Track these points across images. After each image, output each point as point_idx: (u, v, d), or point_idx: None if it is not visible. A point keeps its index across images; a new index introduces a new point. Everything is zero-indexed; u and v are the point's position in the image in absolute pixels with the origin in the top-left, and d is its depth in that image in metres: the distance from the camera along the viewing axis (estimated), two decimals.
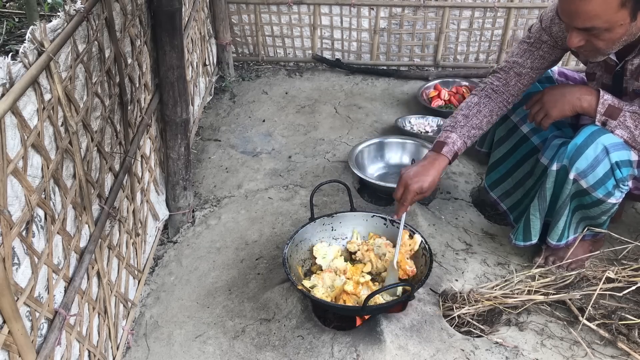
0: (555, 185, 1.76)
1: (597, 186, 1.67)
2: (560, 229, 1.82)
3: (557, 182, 1.75)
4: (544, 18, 1.80)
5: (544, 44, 1.81)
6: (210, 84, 3.30)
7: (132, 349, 1.75)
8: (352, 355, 1.61)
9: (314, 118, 3.10)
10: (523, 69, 1.85)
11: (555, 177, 1.74)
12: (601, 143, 1.64)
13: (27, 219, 1.11)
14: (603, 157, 1.64)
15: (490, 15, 3.44)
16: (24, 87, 1.05)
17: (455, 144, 1.79)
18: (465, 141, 1.81)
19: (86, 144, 1.44)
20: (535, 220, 1.85)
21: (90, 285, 1.48)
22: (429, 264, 1.74)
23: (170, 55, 1.98)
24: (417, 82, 3.40)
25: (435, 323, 1.72)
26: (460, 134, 1.80)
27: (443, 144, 1.79)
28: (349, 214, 1.99)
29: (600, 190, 1.67)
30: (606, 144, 1.64)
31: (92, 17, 1.43)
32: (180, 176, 2.19)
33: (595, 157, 1.64)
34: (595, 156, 1.64)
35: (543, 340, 1.69)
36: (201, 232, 2.25)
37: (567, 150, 1.69)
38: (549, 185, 1.77)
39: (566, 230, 1.83)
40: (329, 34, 3.60)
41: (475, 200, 2.41)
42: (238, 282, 1.98)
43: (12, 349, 1.06)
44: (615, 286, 1.71)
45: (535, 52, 1.83)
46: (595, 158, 1.64)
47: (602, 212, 1.75)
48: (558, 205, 1.78)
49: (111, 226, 1.64)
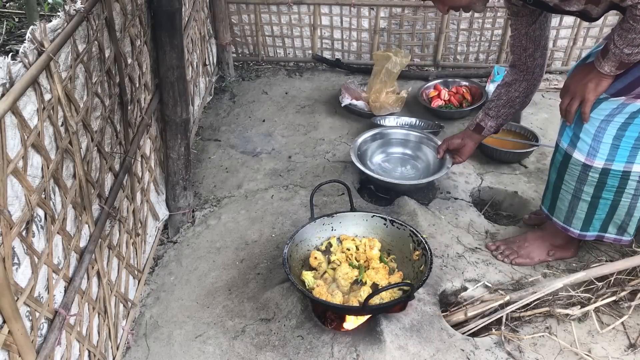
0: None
1: None
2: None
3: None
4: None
5: (515, 9, 1.84)
6: (210, 84, 3.30)
7: (132, 348, 1.75)
8: (352, 355, 1.61)
9: (314, 118, 3.10)
10: (520, 40, 1.90)
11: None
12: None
13: (27, 218, 1.11)
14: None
15: (490, 15, 3.44)
16: (24, 87, 1.05)
17: (491, 127, 2.11)
18: (499, 123, 2.11)
19: (86, 144, 1.44)
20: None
21: (90, 285, 1.48)
22: (429, 264, 1.74)
23: (170, 55, 1.97)
24: (417, 82, 3.40)
25: (435, 323, 1.72)
26: (494, 117, 2.09)
27: (482, 128, 2.13)
28: (349, 214, 1.99)
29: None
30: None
31: (92, 17, 1.43)
32: (180, 176, 2.19)
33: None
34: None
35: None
36: (201, 232, 2.25)
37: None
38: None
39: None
40: (329, 34, 3.60)
41: (475, 200, 2.42)
42: (238, 282, 1.98)
43: (12, 349, 1.06)
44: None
45: (516, 20, 1.87)
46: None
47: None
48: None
49: (111, 226, 1.64)
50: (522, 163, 2.61)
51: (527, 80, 1.99)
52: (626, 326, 1.75)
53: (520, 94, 2.03)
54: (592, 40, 3.51)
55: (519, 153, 2.58)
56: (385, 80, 3.02)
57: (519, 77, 2.00)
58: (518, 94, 2.03)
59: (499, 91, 2.07)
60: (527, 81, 2.00)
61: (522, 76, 1.99)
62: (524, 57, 1.94)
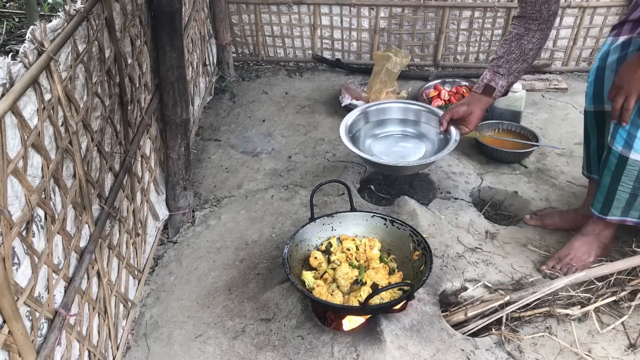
0: None
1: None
2: None
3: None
4: None
5: None
6: (210, 84, 3.30)
7: (132, 349, 1.75)
8: (352, 355, 1.61)
9: (314, 118, 3.10)
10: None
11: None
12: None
13: (27, 218, 1.11)
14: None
15: (490, 15, 3.44)
16: (24, 87, 1.05)
17: (502, 86, 1.94)
18: (511, 81, 1.94)
19: (86, 144, 1.44)
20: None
21: (90, 285, 1.48)
22: (429, 264, 1.74)
23: (170, 55, 1.97)
24: (417, 82, 3.40)
25: (435, 323, 1.72)
26: (506, 74, 1.93)
27: (492, 89, 1.95)
28: (349, 214, 1.99)
29: None
30: None
31: (92, 17, 1.43)
32: (180, 176, 2.19)
33: None
34: None
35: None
36: (201, 232, 2.25)
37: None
38: None
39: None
40: (329, 34, 3.60)
41: (475, 200, 2.42)
42: (238, 282, 1.98)
43: (12, 349, 1.06)
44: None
45: None
46: None
47: None
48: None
49: (111, 226, 1.64)
50: (522, 163, 2.61)
51: (542, 30, 1.87)
52: (626, 326, 1.75)
53: (534, 45, 1.90)
54: (592, 40, 3.51)
55: (519, 153, 2.58)
56: (385, 80, 3.02)
57: (532, 26, 1.87)
58: (532, 45, 1.90)
59: (508, 45, 1.92)
60: (541, 31, 1.87)
61: (537, 25, 1.87)
62: (538, 5, 1.83)
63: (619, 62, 1.81)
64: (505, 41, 1.94)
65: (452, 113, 2.05)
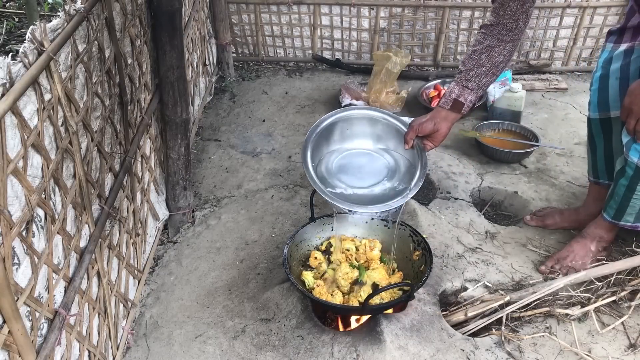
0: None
1: None
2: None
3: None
4: None
5: None
6: (210, 84, 3.30)
7: (132, 349, 1.75)
8: (352, 355, 1.61)
9: (314, 118, 3.10)
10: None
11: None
12: None
13: (27, 218, 1.11)
14: None
15: None
16: (24, 87, 1.05)
17: (471, 101, 1.79)
18: (479, 95, 1.81)
19: (86, 144, 1.44)
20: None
21: (90, 285, 1.48)
22: (429, 264, 1.74)
23: (170, 55, 1.97)
24: (417, 82, 3.40)
25: (435, 323, 1.72)
26: (475, 89, 1.78)
27: (461, 104, 1.79)
28: (350, 214, 1.98)
29: None
30: None
31: (92, 17, 1.43)
32: (180, 176, 2.19)
33: None
34: None
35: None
36: (201, 232, 2.25)
37: None
38: None
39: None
40: (329, 34, 3.60)
41: (475, 200, 2.41)
42: (238, 282, 1.98)
43: (12, 349, 1.06)
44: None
45: None
46: None
47: None
48: None
49: (111, 226, 1.64)
50: (522, 163, 2.61)
51: (514, 40, 1.74)
52: (626, 326, 1.75)
53: (504, 57, 1.76)
54: (592, 40, 3.51)
55: (519, 153, 2.58)
56: (385, 80, 3.02)
57: (505, 37, 1.73)
58: (502, 57, 1.75)
59: (478, 58, 1.76)
60: (513, 42, 1.74)
61: (510, 36, 1.73)
62: (517, 15, 1.70)
63: (622, 69, 1.83)
64: (475, 52, 1.78)
65: (418, 131, 1.81)
